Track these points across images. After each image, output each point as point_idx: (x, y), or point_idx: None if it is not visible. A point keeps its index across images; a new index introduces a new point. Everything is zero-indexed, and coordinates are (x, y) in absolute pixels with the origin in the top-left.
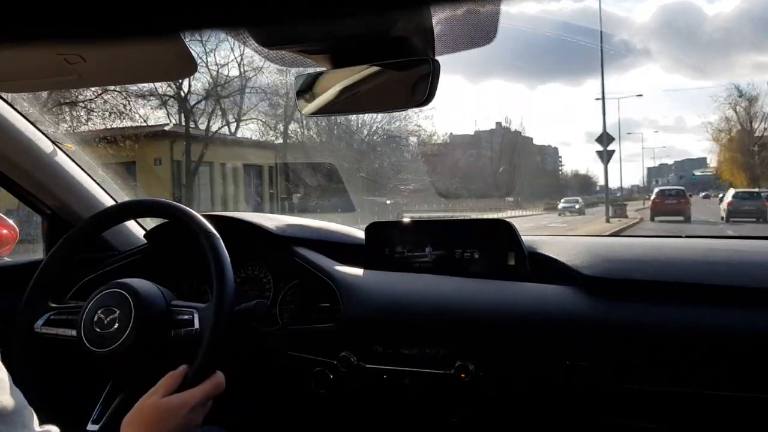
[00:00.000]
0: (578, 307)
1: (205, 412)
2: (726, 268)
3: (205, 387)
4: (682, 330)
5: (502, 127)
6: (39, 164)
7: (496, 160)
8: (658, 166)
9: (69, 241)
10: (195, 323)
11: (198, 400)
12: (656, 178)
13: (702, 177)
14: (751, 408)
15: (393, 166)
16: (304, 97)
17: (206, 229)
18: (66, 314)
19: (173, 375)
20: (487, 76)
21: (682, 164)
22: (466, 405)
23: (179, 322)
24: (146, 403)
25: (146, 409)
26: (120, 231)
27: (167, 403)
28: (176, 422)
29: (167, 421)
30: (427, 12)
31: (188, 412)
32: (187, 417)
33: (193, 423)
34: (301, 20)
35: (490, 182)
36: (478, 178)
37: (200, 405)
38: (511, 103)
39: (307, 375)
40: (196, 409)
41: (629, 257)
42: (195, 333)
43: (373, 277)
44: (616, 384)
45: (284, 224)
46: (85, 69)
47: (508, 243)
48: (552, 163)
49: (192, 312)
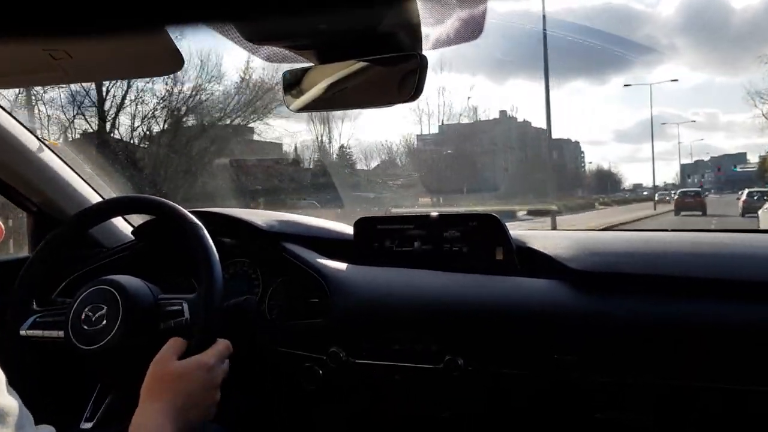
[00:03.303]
0: (566, 301)
1: (223, 373)
2: (713, 261)
3: (216, 348)
4: (670, 323)
5: (508, 116)
6: (24, 161)
7: (500, 154)
8: (694, 163)
9: (54, 239)
10: (185, 313)
11: (213, 359)
12: (692, 175)
13: (743, 173)
14: (739, 400)
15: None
16: (291, 93)
17: (190, 220)
18: (52, 316)
19: (179, 339)
20: (509, 76)
21: (719, 160)
22: (456, 400)
23: (168, 313)
24: (164, 369)
25: (166, 375)
26: (107, 228)
27: (184, 365)
28: (198, 383)
29: (189, 383)
30: (414, 7)
31: (206, 372)
32: (206, 377)
33: (214, 383)
34: (288, 15)
35: (490, 181)
36: (470, 175)
37: (216, 365)
38: (534, 102)
39: (296, 371)
40: (214, 368)
41: (617, 251)
42: (185, 323)
43: (361, 272)
44: (605, 378)
45: (273, 220)
46: (71, 65)
47: (496, 237)
48: (573, 159)
49: (181, 302)
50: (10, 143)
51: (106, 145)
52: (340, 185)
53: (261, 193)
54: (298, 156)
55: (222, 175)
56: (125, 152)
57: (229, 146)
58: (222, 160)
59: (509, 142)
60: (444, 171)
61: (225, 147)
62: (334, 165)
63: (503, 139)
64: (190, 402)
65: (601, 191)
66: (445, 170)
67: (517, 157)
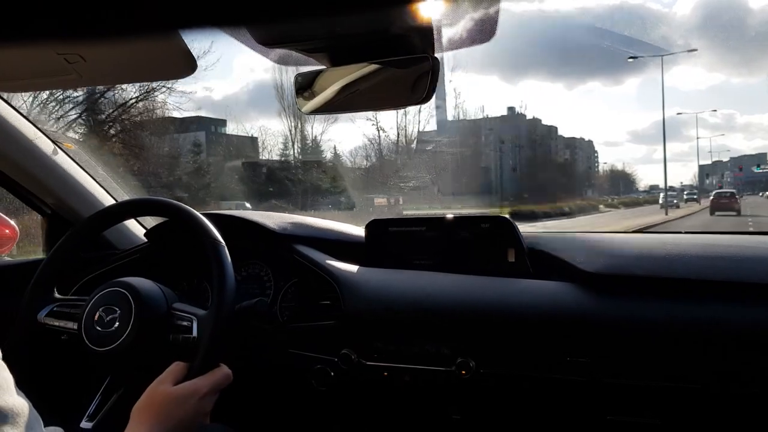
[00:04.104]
0: (578, 304)
1: (213, 401)
2: (726, 264)
3: (213, 376)
4: (683, 325)
5: (516, 113)
6: (39, 163)
7: (508, 154)
8: (712, 164)
9: (74, 236)
10: (193, 331)
11: (208, 388)
12: (711, 175)
13: (764, 173)
14: (754, 404)
15: (392, 163)
16: (304, 96)
17: (213, 237)
18: (69, 307)
19: (181, 363)
20: (523, 76)
21: (738, 161)
22: (467, 402)
23: (178, 327)
24: (157, 391)
25: (158, 397)
26: (120, 230)
27: (178, 391)
28: (187, 410)
29: (179, 408)
30: (426, 9)
31: (198, 400)
32: (197, 405)
33: (203, 411)
34: (300, 18)
35: (492, 182)
36: (467, 176)
37: (210, 394)
38: (550, 103)
39: (307, 372)
40: (206, 397)
41: (629, 253)
42: (192, 341)
43: (373, 275)
44: (617, 380)
45: (285, 222)
46: (85, 68)
47: (508, 240)
48: (586, 159)
49: (191, 319)
50: (26, 146)
51: (119, 148)
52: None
53: (271, 194)
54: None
55: (234, 177)
56: (136, 154)
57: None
58: (234, 163)
59: (518, 140)
60: (442, 171)
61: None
62: (308, 163)
63: (510, 136)
64: (179, 427)
65: (613, 192)
66: (444, 170)
67: (525, 155)
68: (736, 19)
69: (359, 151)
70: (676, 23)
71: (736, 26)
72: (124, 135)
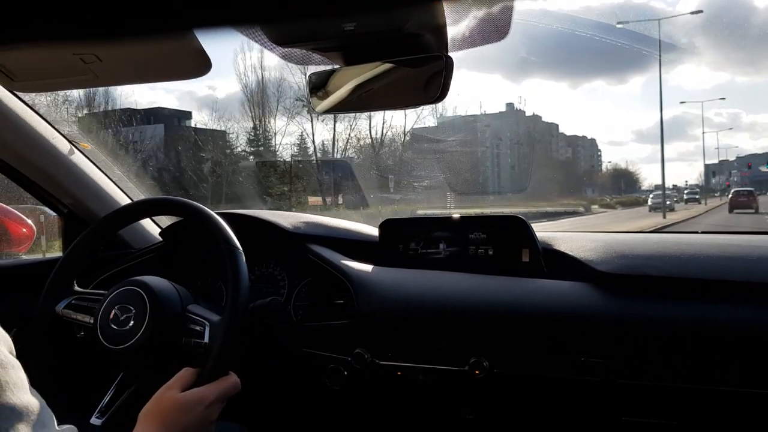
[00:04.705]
0: (593, 304)
1: (220, 410)
2: (742, 264)
3: (221, 384)
4: (698, 326)
5: (515, 109)
6: (56, 163)
7: (505, 151)
8: (719, 163)
9: (92, 233)
10: (205, 337)
11: (215, 396)
12: (718, 174)
13: None
14: None
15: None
16: (318, 95)
17: (231, 243)
18: (87, 301)
19: (190, 369)
20: (527, 75)
21: (745, 160)
22: (481, 402)
23: (190, 331)
24: (165, 397)
25: (164, 403)
26: (135, 229)
27: (185, 397)
28: (193, 417)
29: (185, 415)
30: (440, 8)
31: (205, 407)
32: (203, 413)
33: (209, 419)
34: (314, 18)
35: (491, 181)
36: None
37: (217, 402)
38: (555, 102)
39: (321, 372)
40: (213, 405)
41: (644, 253)
42: (203, 346)
43: (387, 274)
44: (631, 381)
45: (299, 222)
46: (101, 68)
47: (522, 239)
48: (588, 158)
49: (204, 324)
50: (43, 146)
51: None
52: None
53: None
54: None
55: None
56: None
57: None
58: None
59: (518, 137)
60: (441, 171)
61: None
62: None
63: (508, 133)
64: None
65: (615, 191)
66: (442, 170)
67: (522, 152)
68: (740, 17)
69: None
70: (679, 21)
71: (739, 24)
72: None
